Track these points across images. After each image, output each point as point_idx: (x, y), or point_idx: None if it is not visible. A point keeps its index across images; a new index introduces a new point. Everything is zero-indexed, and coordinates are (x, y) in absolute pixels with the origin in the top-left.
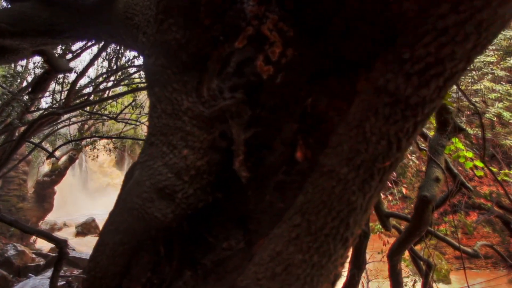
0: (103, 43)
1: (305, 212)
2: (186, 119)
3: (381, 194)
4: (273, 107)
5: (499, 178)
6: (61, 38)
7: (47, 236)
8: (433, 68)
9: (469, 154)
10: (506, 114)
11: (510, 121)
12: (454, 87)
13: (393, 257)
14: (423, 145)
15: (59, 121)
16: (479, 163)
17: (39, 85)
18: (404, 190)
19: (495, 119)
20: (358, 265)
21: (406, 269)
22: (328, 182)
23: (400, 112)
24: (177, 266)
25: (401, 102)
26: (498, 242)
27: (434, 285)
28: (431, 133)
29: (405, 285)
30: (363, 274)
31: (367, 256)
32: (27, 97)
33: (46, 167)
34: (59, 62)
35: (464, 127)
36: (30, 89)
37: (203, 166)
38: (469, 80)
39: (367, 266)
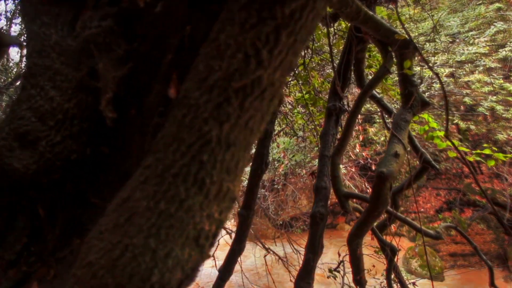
0: None
1: (157, 149)
2: (54, 56)
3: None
4: (153, 40)
5: (471, 159)
6: None
7: None
8: None
9: (441, 133)
10: (499, 108)
11: (503, 115)
12: (418, 58)
13: (353, 241)
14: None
15: None
16: (463, 149)
17: None
18: None
19: (487, 113)
20: (314, 249)
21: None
22: (179, 111)
23: (256, 13)
24: (61, 232)
25: (256, 1)
26: (492, 239)
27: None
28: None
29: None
30: (341, 267)
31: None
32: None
33: None
34: (2, 35)
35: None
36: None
37: (72, 109)
38: (462, 72)
39: (345, 259)
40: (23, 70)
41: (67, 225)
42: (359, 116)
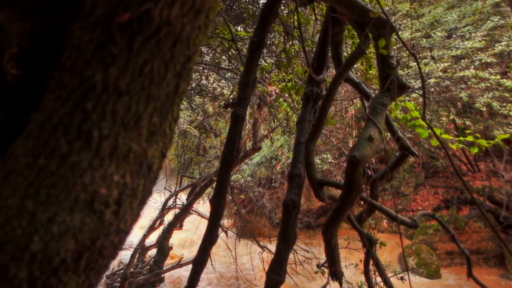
0: None
1: (43, 101)
2: None
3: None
4: None
5: (454, 147)
6: None
7: None
8: None
9: (423, 123)
10: (495, 105)
11: (500, 111)
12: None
13: (327, 230)
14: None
15: None
16: (446, 136)
17: None
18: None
19: (484, 109)
20: (285, 239)
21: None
22: (66, 58)
23: None
24: None
25: None
26: (489, 237)
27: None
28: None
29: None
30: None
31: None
32: None
33: None
34: None
35: (444, 113)
36: None
37: None
38: (457, 68)
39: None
40: None
41: None
42: (357, 114)
